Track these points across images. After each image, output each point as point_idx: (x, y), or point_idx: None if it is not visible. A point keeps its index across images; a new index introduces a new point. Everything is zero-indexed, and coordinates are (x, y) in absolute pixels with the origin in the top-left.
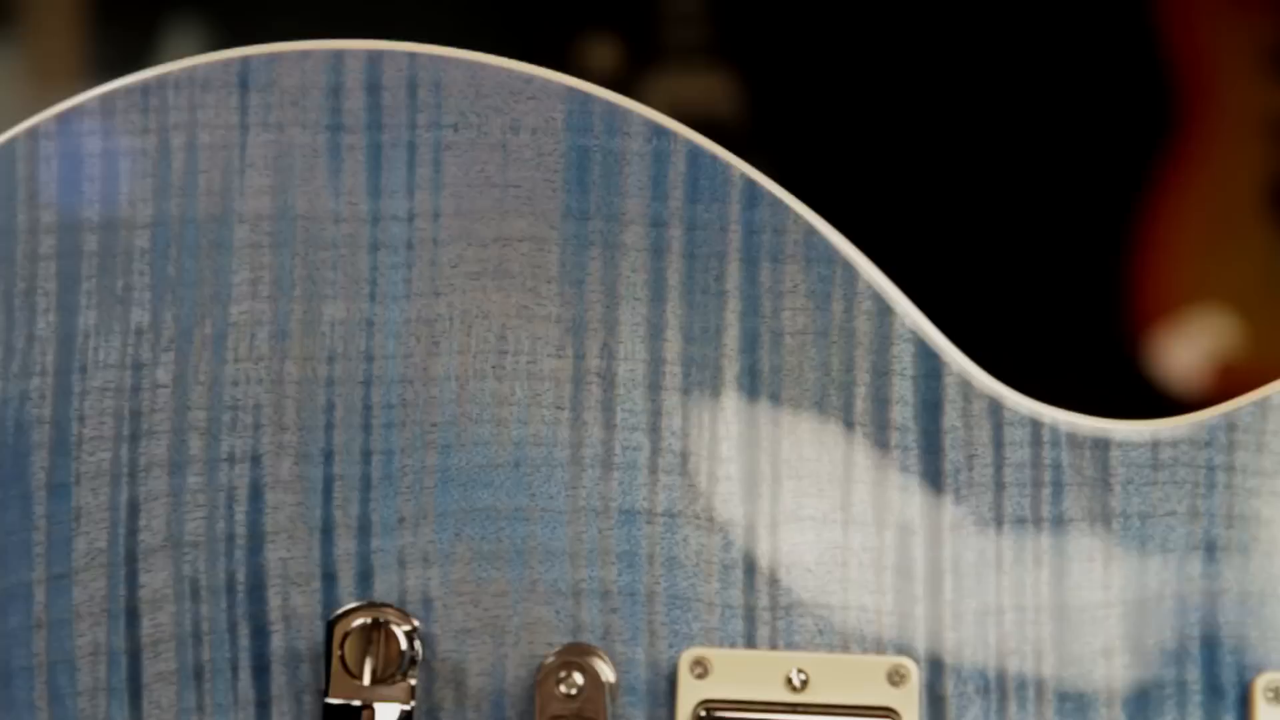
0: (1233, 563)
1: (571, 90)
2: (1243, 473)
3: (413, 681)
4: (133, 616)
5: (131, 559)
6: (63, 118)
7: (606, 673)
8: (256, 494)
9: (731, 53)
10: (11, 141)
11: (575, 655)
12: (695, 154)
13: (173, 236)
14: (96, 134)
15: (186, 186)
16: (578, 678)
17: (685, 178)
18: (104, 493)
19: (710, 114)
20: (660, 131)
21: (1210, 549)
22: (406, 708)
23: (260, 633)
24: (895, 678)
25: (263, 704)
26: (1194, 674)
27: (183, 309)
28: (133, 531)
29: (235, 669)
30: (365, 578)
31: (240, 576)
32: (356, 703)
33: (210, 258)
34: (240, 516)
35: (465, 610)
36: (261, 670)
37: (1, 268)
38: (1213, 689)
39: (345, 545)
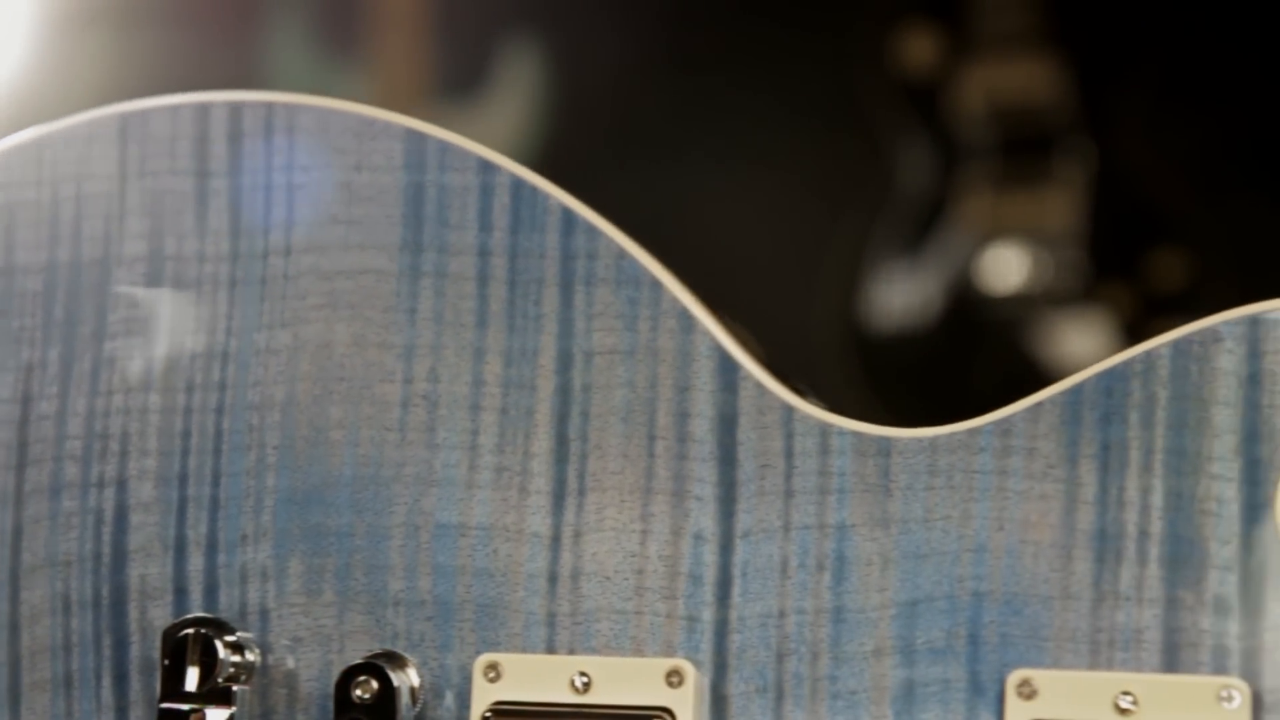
0: (999, 565)
1: (409, 130)
2: (1013, 477)
3: (236, 687)
4: (14, 630)
5: (15, 577)
6: None
7: (407, 678)
8: (121, 515)
9: (1055, 40)
10: None
11: (376, 661)
12: (518, 186)
13: (60, 280)
14: None
15: (74, 233)
16: (373, 683)
17: (509, 209)
18: None
19: (1031, 103)
20: (487, 166)
21: (979, 552)
22: (231, 711)
23: (121, 644)
24: (673, 679)
25: (122, 709)
26: (958, 672)
27: (66, 347)
28: (17, 552)
29: (99, 677)
30: (212, 592)
31: (105, 592)
32: (185, 708)
33: (91, 299)
34: (107, 536)
35: (297, 620)
36: (121, 678)
37: None
38: (974, 686)
39: (195, 562)
